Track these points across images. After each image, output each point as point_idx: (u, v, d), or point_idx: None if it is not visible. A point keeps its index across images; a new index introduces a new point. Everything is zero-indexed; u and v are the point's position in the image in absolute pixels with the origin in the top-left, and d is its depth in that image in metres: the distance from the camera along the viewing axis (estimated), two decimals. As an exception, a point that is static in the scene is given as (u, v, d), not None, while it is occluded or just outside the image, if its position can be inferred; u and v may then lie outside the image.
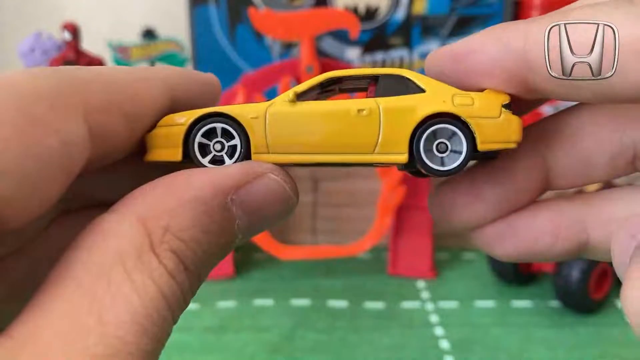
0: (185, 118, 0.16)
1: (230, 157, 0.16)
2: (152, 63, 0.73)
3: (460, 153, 0.16)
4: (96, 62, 0.63)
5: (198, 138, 0.16)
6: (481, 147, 0.16)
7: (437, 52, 0.17)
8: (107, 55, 0.69)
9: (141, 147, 0.17)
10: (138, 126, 0.16)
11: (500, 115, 0.16)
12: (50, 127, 0.13)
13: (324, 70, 0.49)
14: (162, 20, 0.76)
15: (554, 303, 0.45)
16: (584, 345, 0.40)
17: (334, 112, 0.16)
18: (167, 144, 0.16)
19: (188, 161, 0.16)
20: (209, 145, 0.16)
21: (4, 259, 0.16)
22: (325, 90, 0.18)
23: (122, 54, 0.72)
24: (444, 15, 0.64)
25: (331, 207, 0.54)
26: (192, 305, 0.45)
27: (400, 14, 0.64)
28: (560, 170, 0.18)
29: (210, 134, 0.16)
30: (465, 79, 0.16)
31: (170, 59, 0.73)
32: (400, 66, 0.65)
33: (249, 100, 0.48)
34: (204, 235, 0.14)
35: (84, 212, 0.17)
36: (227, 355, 0.40)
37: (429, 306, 0.46)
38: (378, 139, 0.16)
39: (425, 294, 0.48)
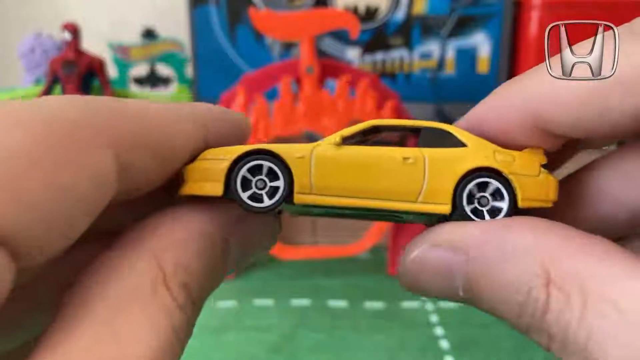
0: (230, 153, 0.16)
1: (270, 197, 0.16)
2: (153, 63, 0.73)
3: (501, 209, 0.16)
4: (96, 62, 0.63)
5: (242, 174, 0.16)
6: (522, 204, 0.16)
7: (465, 118, 0.18)
8: (107, 55, 0.69)
9: (170, 181, 0.16)
10: (168, 164, 0.16)
11: (539, 174, 0.16)
12: (80, 164, 0.13)
13: (324, 70, 0.49)
14: (162, 20, 0.76)
15: (554, 303, 0.45)
16: (583, 345, 0.41)
17: (380, 158, 0.16)
18: (207, 177, 0.16)
19: (229, 196, 0.16)
20: (252, 181, 0.16)
21: (23, 287, 0.16)
22: (364, 139, 0.18)
23: (122, 54, 0.72)
24: (444, 16, 0.64)
25: (331, 207, 0.54)
26: (192, 305, 0.45)
27: (400, 14, 0.64)
28: (579, 227, 0.18)
29: (252, 171, 0.16)
30: (493, 140, 0.17)
31: (171, 59, 0.73)
32: (401, 66, 0.65)
33: (249, 100, 0.49)
34: (207, 267, 0.14)
35: (98, 240, 0.17)
36: (227, 355, 0.40)
37: (429, 306, 0.46)
38: (422, 188, 0.16)
39: (425, 294, 0.48)
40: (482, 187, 0.16)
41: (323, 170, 0.16)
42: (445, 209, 0.16)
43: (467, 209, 0.16)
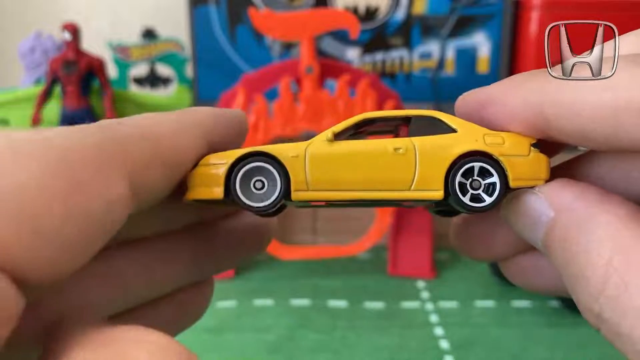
0: (227, 157, 0.17)
1: (269, 197, 0.16)
2: (153, 63, 0.73)
3: (494, 190, 0.16)
4: (96, 62, 0.63)
5: (240, 177, 0.16)
6: (513, 184, 0.16)
7: (464, 97, 0.18)
8: (107, 55, 0.69)
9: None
10: (177, 175, 0.16)
11: (529, 153, 0.16)
12: (95, 192, 0.13)
13: (324, 70, 0.49)
14: (162, 20, 0.76)
15: (554, 303, 0.45)
16: (584, 345, 0.41)
17: (372, 151, 0.17)
18: (208, 182, 0.17)
19: (229, 199, 0.17)
20: (250, 183, 0.17)
21: (37, 304, 0.16)
22: (357, 132, 0.18)
23: (122, 54, 0.72)
24: (444, 16, 0.64)
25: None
26: (192, 305, 0.45)
27: (400, 14, 0.64)
28: None
29: (250, 173, 0.17)
30: (490, 125, 0.17)
31: (170, 59, 0.73)
32: (400, 66, 0.65)
33: (249, 100, 0.49)
34: None
35: (106, 251, 0.18)
36: (227, 355, 0.40)
37: (429, 306, 0.46)
38: (415, 176, 0.16)
39: (425, 294, 0.48)
40: (475, 170, 0.17)
41: (317, 167, 0.16)
42: (438, 194, 0.16)
43: (460, 194, 0.16)
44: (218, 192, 0.16)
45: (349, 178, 0.16)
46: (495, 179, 0.16)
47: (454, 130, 0.17)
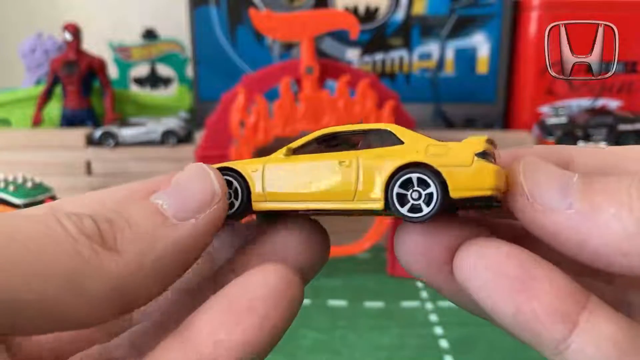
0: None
1: (236, 199, 0.18)
2: (153, 63, 0.73)
3: (432, 201, 0.16)
4: (97, 62, 0.63)
5: None
6: (453, 194, 0.16)
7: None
8: (107, 55, 0.69)
9: None
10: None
11: (472, 163, 0.16)
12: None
13: (324, 70, 0.49)
14: (162, 21, 0.76)
15: (553, 303, 0.46)
16: (583, 345, 0.41)
17: (319, 164, 0.18)
18: None
19: None
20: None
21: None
22: (324, 144, 0.19)
23: (123, 54, 0.72)
24: (443, 16, 0.64)
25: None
26: (193, 305, 0.45)
27: (399, 15, 0.64)
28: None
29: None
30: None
31: (171, 59, 0.73)
32: (400, 66, 0.65)
33: (249, 100, 0.49)
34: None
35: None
36: (228, 354, 0.40)
37: (428, 305, 0.46)
38: (357, 188, 0.17)
39: (424, 294, 0.48)
40: (416, 181, 0.16)
41: (272, 180, 0.18)
42: (379, 205, 0.17)
43: (399, 204, 0.16)
44: None
45: (299, 190, 0.18)
46: (432, 189, 0.16)
47: (401, 142, 0.17)
